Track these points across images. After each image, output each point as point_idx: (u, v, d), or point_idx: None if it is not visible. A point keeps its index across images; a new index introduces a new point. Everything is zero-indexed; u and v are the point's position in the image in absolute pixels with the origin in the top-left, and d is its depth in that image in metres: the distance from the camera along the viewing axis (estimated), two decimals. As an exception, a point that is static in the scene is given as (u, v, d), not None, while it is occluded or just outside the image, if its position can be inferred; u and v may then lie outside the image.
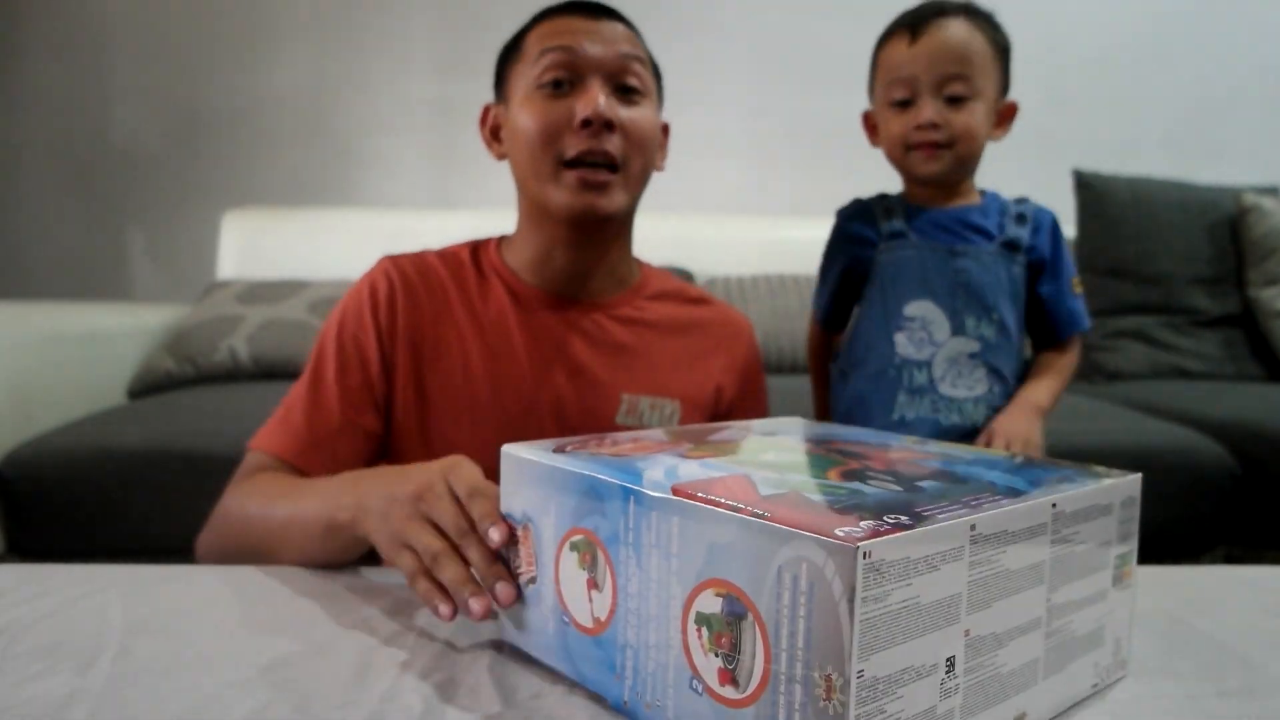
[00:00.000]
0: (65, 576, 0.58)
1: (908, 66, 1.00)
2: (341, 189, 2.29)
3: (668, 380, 0.85)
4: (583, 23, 0.79)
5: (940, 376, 1.01)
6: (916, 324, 1.01)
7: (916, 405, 1.01)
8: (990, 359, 1.01)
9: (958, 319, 1.01)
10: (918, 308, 1.01)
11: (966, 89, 0.98)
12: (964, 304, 1.01)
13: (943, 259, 1.02)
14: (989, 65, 0.99)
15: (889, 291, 1.02)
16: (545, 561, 0.45)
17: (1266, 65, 2.42)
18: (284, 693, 0.42)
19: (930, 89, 0.99)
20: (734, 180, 2.29)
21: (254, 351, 1.70)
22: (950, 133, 0.98)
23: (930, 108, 0.98)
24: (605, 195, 0.77)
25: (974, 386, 1.02)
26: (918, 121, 0.99)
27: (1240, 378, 2.00)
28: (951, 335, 1.01)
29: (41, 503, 1.24)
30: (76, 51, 2.23)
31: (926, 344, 1.01)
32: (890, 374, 1.01)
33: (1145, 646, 0.51)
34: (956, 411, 1.00)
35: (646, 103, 0.80)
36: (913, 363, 1.01)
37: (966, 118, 0.98)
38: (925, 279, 1.02)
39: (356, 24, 2.26)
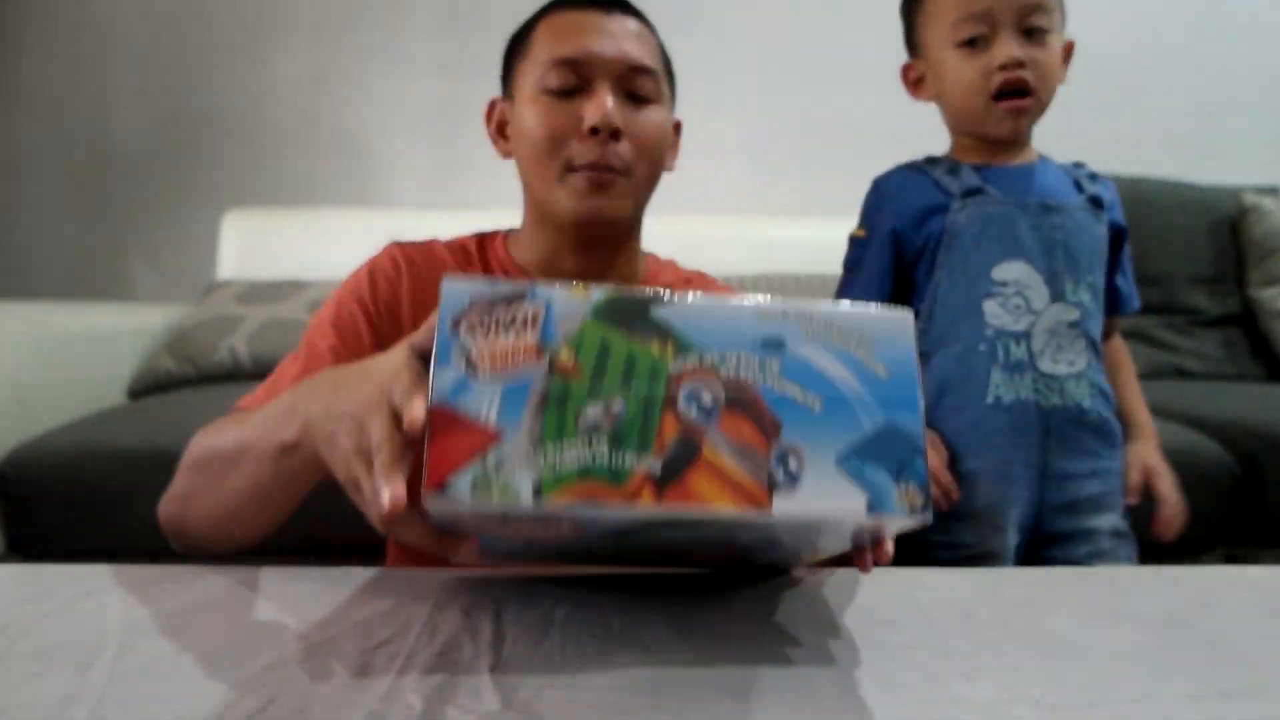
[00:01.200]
0: (65, 576, 0.57)
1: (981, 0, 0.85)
2: (341, 189, 2.29)
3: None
4: (592, 18, 0.76)
5: (1040, 350, 0.87)
6: (1010, 289, 0.87)
7: (1016, 385, 0.87)
8: (1089, 328, 0.90)
9: (1056, 283, 0.88)
10: (1010, 270, 0.88)
11: (1047, 22, 0.86)
12: (1063, 265, 0.88)
13: (1036, 215, 0.89)
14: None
15: (972, 255, 0.88)
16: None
17: (1266, 65, 2.42)
18: (284, 693, 0.42)
19: (1011, 22, 0.85)
20: (734, 180, 2.29)
21: (254, 351, 1.70)
22: (1036, 73, 0.86)
23: (1014, 43, 0.85)
24: (611, 198, 0.76)
25: (1075, 361, 0.88)
26: (1000, 60, 0.86)
27: (1240, 378, 2.00)
28: (1050, 302, 0.88)
29: (41, 503, 1.24)
30: (76, 52, 2.23)
31: (1024, 312, 0.87)
32: (981, 349, 0.87)
33: (1145, 646, 0.51)
34: (1058, 392, 0.88)
35: (656, 106, 0.78)
36: (1009, 334, 0.87)
37: (1049, 56, 0.87)
38: (1017, 238, 0.88)
39: (357, 24, 2.26)
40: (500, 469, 0.39)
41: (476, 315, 0.41)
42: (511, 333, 0.41)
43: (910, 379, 0.43)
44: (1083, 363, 0.89)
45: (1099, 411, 0.90)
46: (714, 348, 0.42)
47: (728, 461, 0.41)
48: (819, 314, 0.43)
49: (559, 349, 0.41)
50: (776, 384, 0.42)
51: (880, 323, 0.44)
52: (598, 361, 0.41)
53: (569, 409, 0.40)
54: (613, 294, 0.42)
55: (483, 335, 0.41)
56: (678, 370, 0.42)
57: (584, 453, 0.40)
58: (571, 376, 0.41)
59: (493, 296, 0.41)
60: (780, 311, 0.43)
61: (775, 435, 0.42)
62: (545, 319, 0.41)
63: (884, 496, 0.42)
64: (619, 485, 0.40)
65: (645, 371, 0.41)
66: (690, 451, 0.41)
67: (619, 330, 0.42)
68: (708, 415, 0.41)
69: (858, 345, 0.43)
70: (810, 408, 0.42)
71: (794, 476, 0.41)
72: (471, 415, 0.40)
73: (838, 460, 0.42)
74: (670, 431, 0.41)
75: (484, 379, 0.40)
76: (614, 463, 0.40)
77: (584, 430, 0.40)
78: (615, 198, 0.76)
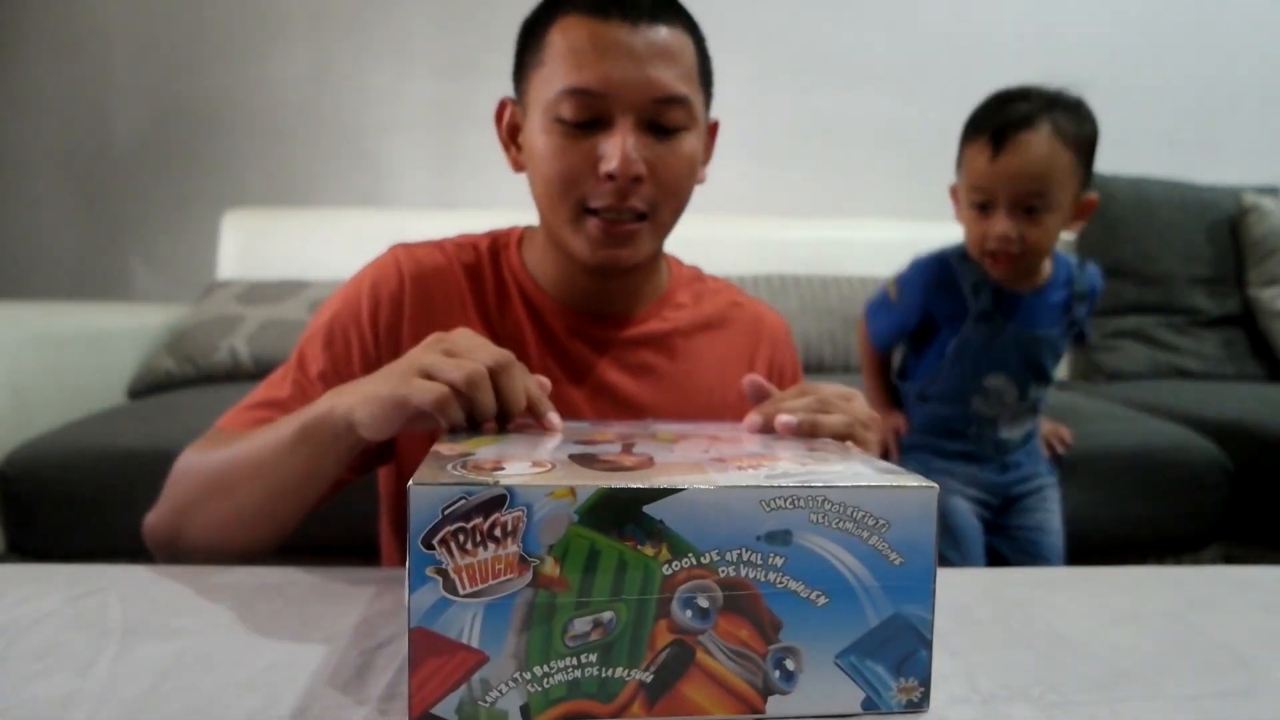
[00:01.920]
0: (65, 576, 0.57)
1: (987, 179, 1.07)
2: (341, 189, 2.29)
3: (696, 396, 0.79)
4: (615, 32, 0.65)
5: (1002, 426, 1.24)
6: (992, 393, 1.22)
7: (979, 441, 1.25)
8: (1040, 407, 1.28)
9: (1024, 388, 1.22)
10: (995, 380, 1.21)
11: (1043, 204, 1.05)
12: (1031, 377, 1.22)
13: (1024, 344, 1.19)
14: (1068, 175, 1.06)
15: (972, 365, 1.20)
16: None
17: (1266, 65, 2.42)
18: (284, 693, 0.42)
19: (1007, 204, 1.06)
20: (734, 180, 2.29)
21: (254, 351, 1.70)
22: (1022, 246, 1.07)
23: (1005, 223, 1.06)
24: (630, 247, 0.70)
25: (1024, 426, 1.26)
26: (994, 233, 1.08)
27: (1240, 378, 2.01)
28: (1018, 400, 1.22)
29: (41, 503, 1.24)
30: (76, 51, 2.23)
31: (997, 404, 1.23)
32: (961, 417, 1.24)
33: (1145, 646, 0.51)
34: (1008, 446, 1.25)
35: (686, 135, 0.69)
36: (983, 418, 1.24)
37: (1039, 232, 1.07)
38: (1005, 360, 1.20)
39: (357, 24, 2.26)
40: (487, 692, 0.38)
41: (450, 528, 0.37)
42: (491, 545, 0.37)
43: (926, 566, 0.40)
44: (1030, 426, 1.27)
45: (1031, 445, 1.30)
46: (712, 546, 0.39)
47: (722, 666, 0.39)
48: (834, 496, 0.39)
49: (543, 560, 0.38)
50: (779, 581, 0.39)
51: (902, 503, 0.40)
52: (585, 569, 0.38)
53: (556, 623, 0.38)
54: (600, 494, 0.38)
55: (459, 550, 0.37)
56: (672, 572, 0.38)
57: (572, 669, 0.38)
58: (558, 588, 0.38)
59: (466, 507, 0.37)
60: (789, 499, 0.39)
61: (774, 635, 0.39)
62: (527, 527, 0.37)
63: (882, 694, 0.40)
64: (609, 702, 0.39)
65: (637, 576, 0.38)
66: (683, 659, 0.39)
67: (608, 533, 0.38)
68: (704, 618, 0.39)
69: (872, 532, 0.40)
70: (814, 602, 0.39)
71: (791, 676, 0.40)
72: (453, 636, 0.37)
73: (838, 656, 0.40)
74: (663, 639, 0.39)
75: (464, 597, 0.37)
76: (604, 675, 0.39)
77: (572, 644, 0.38)
78: (634, 247, 0.70)
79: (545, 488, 0.38)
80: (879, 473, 0.43)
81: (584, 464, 0.43)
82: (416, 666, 0.38)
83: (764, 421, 0.59)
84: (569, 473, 0.41)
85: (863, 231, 2.18)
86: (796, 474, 0.42)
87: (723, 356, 0.82)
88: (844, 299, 1.97)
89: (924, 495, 0.40)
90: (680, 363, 0.80)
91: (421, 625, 0.37)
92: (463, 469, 0.40)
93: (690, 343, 0.81)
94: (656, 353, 0.79)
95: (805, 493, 0.39)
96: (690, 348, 0.81)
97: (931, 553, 0.40)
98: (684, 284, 0.84)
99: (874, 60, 2.33)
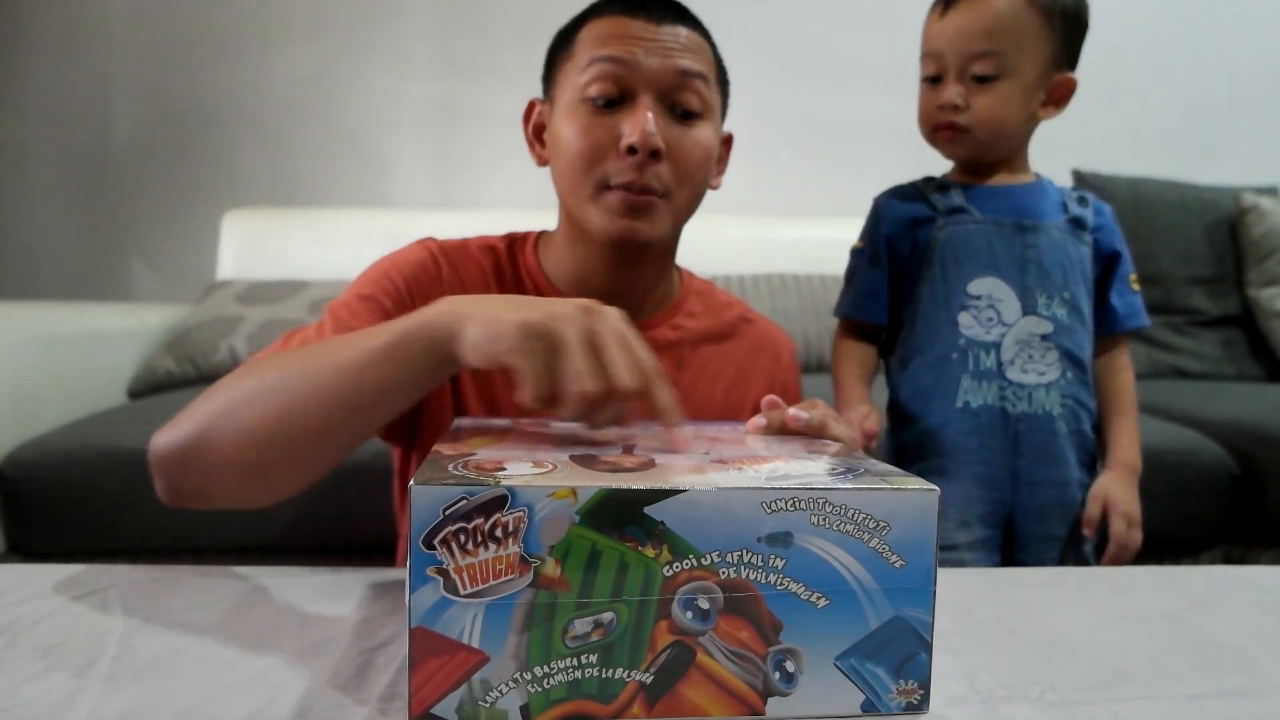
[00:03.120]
0: (65, 576, 0.57)
1: (935, 40, 0.94)
2: (341, 189, 2.29)
3: (699, 408, 0.80)
4: (641, 25, 0.71)
5: (1009, 360, 0.93)
6: (983, 302, 0.94)
7: (983, 392, 0.93)
8: (1064, 342, 0.94)
9: (1029, 297, 0.94)
10: (984, 285, 0.94)
11: (995, 67, 0.91)
12: (1035, 281, 0.94)
13: (1010, 234, 0.95)
14: (1032, 38, 0.91)
15: (951, 269, 0.95)
16: None
17: (1266, 65, 2.42)
18: (284, 693, 0.42)
19: (955, 67, 0.92)
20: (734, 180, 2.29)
21: (254, 351, 1.70)
22: (971, 116, 0.92)
23: (951, 89, 0.92)
24: (647, 220, 0.71)
25: (1045, 372, 0.94)
26: (939, 101, 0.93)
27: (1240, 378, 2.01)
28: (1022, 315, 0.94)
29: (41, 503, 1.24)
30: (76, 51, 2.23)
31: (995, 324, 0.94)
32: (954, 358, 0.94)
33: (1145, 646, 0.51)
34: (1025, 399, 0.93)
35: (704, 123, 0.73)
36: (979, 344, 0.93)
37: (990, 101, 0.92)
38: (992, 254, 0.95)
39: (356, 24, 2.26)
40: (487, 693, 0.38)
41: (451, 528, 0.37)
42: (492, 545, 0.37)
43: (927, 568, 0.40)
44: (1054, 374, 0.94)
45: (1070, 423, 0.94)
46: (713, 547, 0.39)
47: (723, 667, 0.39)
48: (835, 499, 0.39)
49: (544, 560, 0.38)
50: (779, 582, 0.39)
51: (903, 505, 0.40)
52: (586, 570, 0.38)
53: (556, 624, 0.38)
54: (602, 495, 0.38)
55: (459, 550, 0.37)
56: (673, 574, 0.38)
57: (573, 669, 0.38)
58: (558, 588, 0.38)
59: (468, 507, 0.37)
60: (790, 500, 0.39)
61: (775, 637, 0.39)
62: (528, 527, 0.37)
63: (881, 696, 0.41)
64: (609, 703, 0.39)
65: (638, 577, 0.38)
66: (684, 660, 0.39)
67: (609, 534, 0.38)
68: (704, 619, 0.39)
69: (873, 534, 0.40)
70: (814, 604, 0.40)
71: (791, 678, 0.40)
72: (454, 636, 0.37)
73: (838, 658, 0.40)
74: (663, 640, 0.39)
75: (465, 597, 0.37)
76: (604, 676, 0.39)
77: (572, 645, 0.38)
78: (652, 220, 0.72)
79: (546, 488, 0.38)
80: (880, 475, 0.43)
81: (585, 465, 0.43)
82: (416, 666, 0.38)
83: (768, 424, 0.59)
84: (570, 473, 0.41)
85: (862, 231, 2.18)
86: (797, 476, 0.42)
87: (729, 369, 0.83)
88: (844, 299, 1.97)
89: (925, 498, 0.40)
90: (687, 372, 0.81)
91: (422, 625, 0.37)
92: (464, 469, 0.40)
93: (698, 353, 0.82)
94: (665, 360, 0.80)
95: (806, 494, 0.39)
96: (698, 358, 0.82)
97: (932, 555, 0.40)
98: (695, 294, 0.86)
99: (874, 60, 2.33)
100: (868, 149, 2.34)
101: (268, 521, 1.25)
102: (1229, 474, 1.42)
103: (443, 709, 0.38)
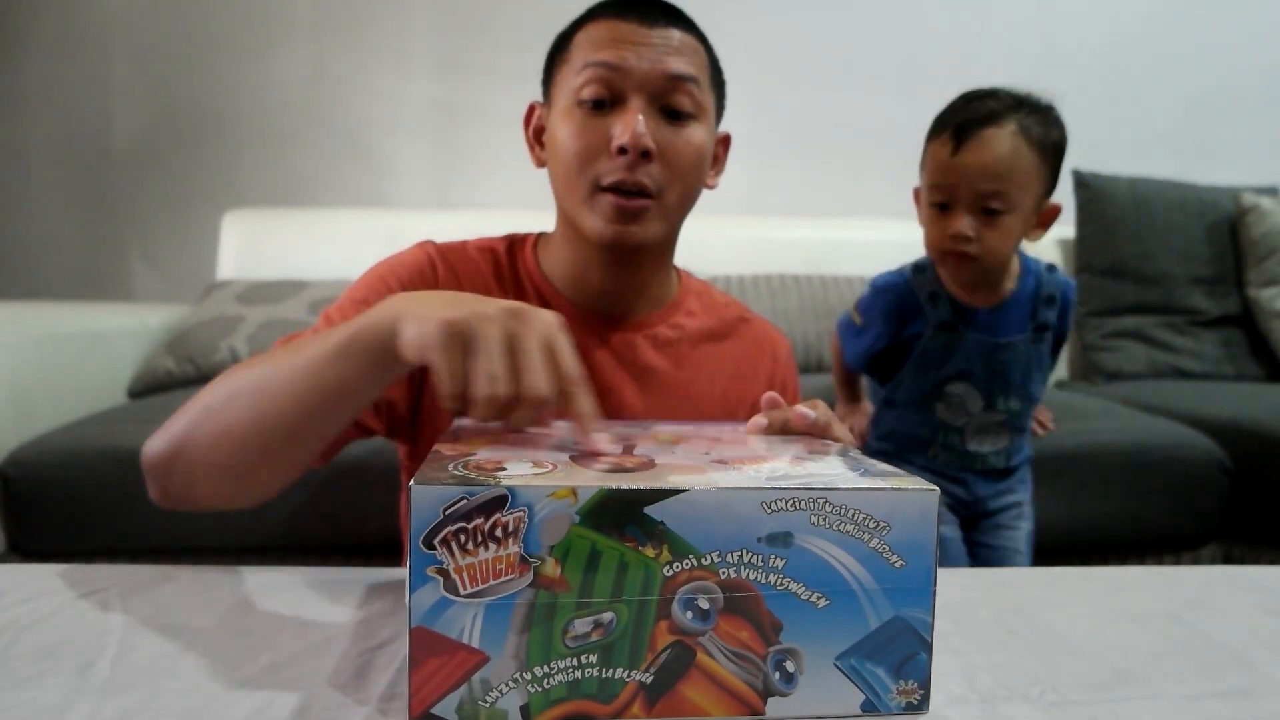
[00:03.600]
0: (65, 576, 0.57)
1: (947, 175, 1.02)
2: (341, 189, 2.29)
3: (697, 407, 0.81)
4: (634, 29, 0.72)
5: (969, 437, 1.18)
6: (955, 399, 1.16)
7: (947, 455, 1.19)
8: (1013, 422, 1.19)
9: (991, 397, 1.16)
10: (957, 387, 1.16)
11: (1003, 204, 1.01)
12: (999, 386, 1.16)
13: (987, 351, 1.14)
14: (1031, 177, 1.01)
15: (933, 370, 1.16)
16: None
17: (1266, 65, 2.42)
18: (284, 693, 0.42)
19: (967, 202, 1.02)
20: (734, 180, 2.29)
21: (254, 351, 1.70)
22: (981, 247, 1.03)
23: (963, 221, 1.02)
24: (639, 224, 0.72)
25: (996, 442, 1.19)
26: (951, 231, 1.03)
27: (1239, 378, 2.01)
28: (983, 410, 1.16)
29: (41, 503, 1.24)
30: (76, 51, 2.23)
31: (962, 413, 1.17)
32: (928, 428, 1.18)
33: (1145, 646, 0.51)
34: (980, 460, 1.19)
35: (696, 124, 0.74)
36: (949, 426, 1.18)
37: (998, 235, 1.02)
38: (968, 366, 1.15)
39: (357, 24, 2.26)
40: (487, 693, 0.38)
41: (451, 528, 0.37)
42: (492, 545, 0.37)
43: (927, 569, 0.40)
44: (1004, 443, 1.19)
45: (1013, 465, 1.22)
46: (713, 547, 0.39)
47: (723, 667, 0.39)
48: (835, 499, 0.39)
49: (544, 560, 0.38)
50: (779, 582, 0.39)
51: (903, 505, 0.40)
52: (586, 570, 0.38)
53: (556, 624, 0.38)
54: (602, 495, 0.38)
55: (459, 550, 0.37)
56: (673, 573, 0.38)
57: (573, 669, 0.38)
58: (558, 588, 0.38)
59: (468, 507, 0.37)
60: (790, 500, 0.39)
61: (775, 637, 0.39)
62: (528, 527, 0.37)
63: (881, 696, 0.41)
64: (609, 703, 0.39)
65: (638, 577, 0.38)
66: (684, 660, 0.39)
67: (609, 534, 0.38)
68: (704, 619, 0.39)
69: (873, 534, 0.40)
70: (814, 604, 0.40)
71: (791, 678, 0.40)
72: (454, 636, 0.37)
73: (838, 658, 0.40)
74: (663, 640, 0.39)
75: (465, 597, 0.37)
76: (604, 676, 0.39)
77: (572, 645, 0.38)
78: (643, 224, 0.73)
79: (546, 488, 0.38)
80: (880, 475, 0.43)
81: (585, 465, 0.43)
82: (417, 666, 0.38)
83: (769, 424, 0.59)
84: (570, 473, 0.41)
85: (863, 231, 2.18)
86: (798, 476, 0.42)
87: (727, 367, 0.84)
88: (844, 299, 1.96)
89: (925, 498, 0.40)
90: (685, 370, 0.82)
91: (422, 625, 0.37)
92: (464, 469, 0.40)
93: (696, 352, 0.83)
94: (663, 359, 0.81)
95: (806, 494, 0.39)
96: (696, 357, 0.83)
97: (932, 555, 0.40)
98: (693, 294, 0.86)
99: (873, 60, 2.33)
100: (868, 149, 2.34)
101: (268, 521, 1.25)
102: (1228, 473, 1.42)
103: (443, 709, 0.38)
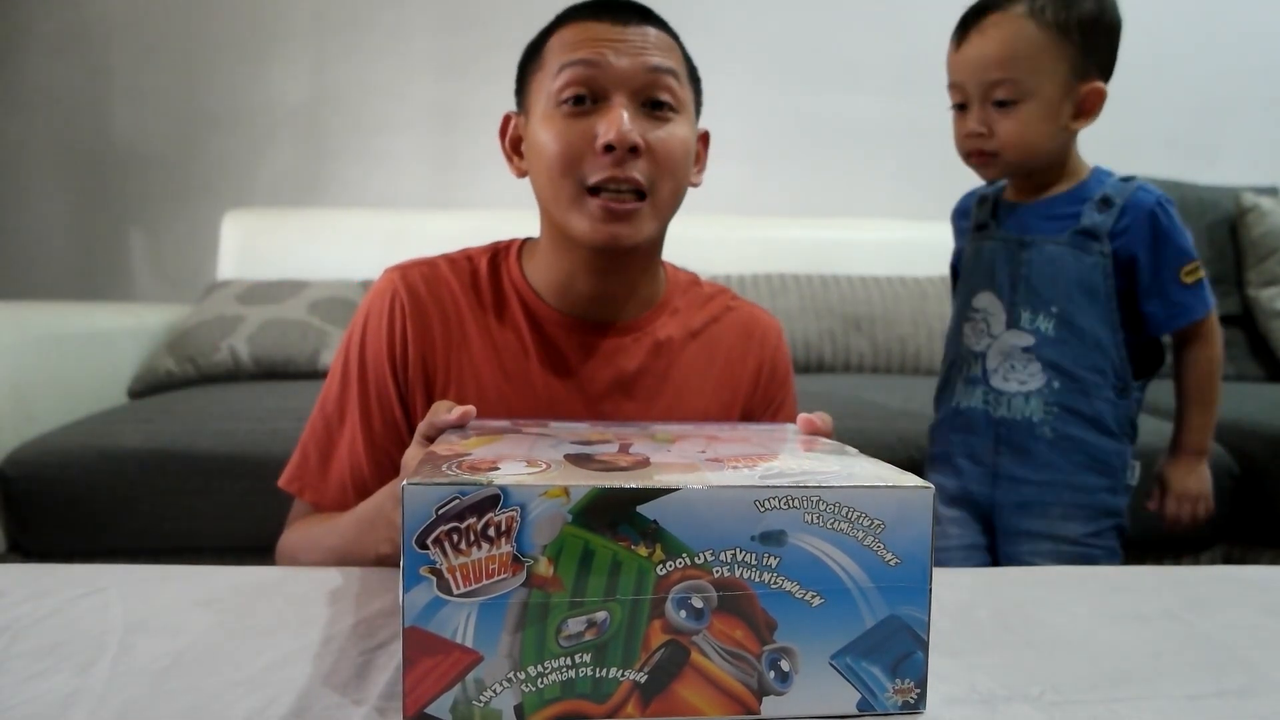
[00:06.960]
0: (65, 576, 0.57)
1: (955, 72, 0.99)
2: (341, 189, 2.29)
3: (690, 405, 0.80)
4: (608, 29, 0.71)
5: (992, 369, 1.01)
6: (980, 316, 1.02)
7: (970, 395, 1.02)
8: (1047, 354, 0.98)
9: (1014, 311, 1.00)
10: (983, 299, 1.02)
11: (1012, 92, 0.94)
12: (1022, 297, 0.99)
13: (1011, 251, 1.01)
14: (1047, 58, 0.94)
15: (965, 284, 1.05)
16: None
17: (1266, 66, 2.42)
18: (284, 693, 0.42)
19: (977, 96, 0.96)
20: (734, 180, 2.29)
21: (254, 351, 1.70)
22: (997, 142, 0.96)
23: (974, 117, 0.97)
24: (631, 225, 0.71)
25: (1026, 381, 0.99)
26: (965, 130, 0.98)
27: (1240, 378, 2.00)
28: (1006, 328, 1.00)
29: (42, 503, 1.24)
30: (76, 51, 2.23)
31: (984, 335, 1.02)
32: (958, 364, 1.05)
33: (1145, 646, 0.51)
34: (1005, 405, 1.00)
35: (679, 119, 0.73)
36: (971, 354, 1.02)
37: (1012, 125, 0.95)
38: (993, 271, 1.01)
39: (357, 25, 2.26)
40: (481, 692, 0.38)
41: (444, 528, 0.37)
42: (484, 545, 0.37)
43: (922, 566, 0.40)
44: (1036, 384, 0.99)
45: (1057, 428, 0.99)
46: (706, 546, 0.38)
47: (717, 666, 0.39)
48: (829, 496, 0.39)
49: (537, 560, 0.38)
50: (774, 581, 0.39)
51: (898, 503, 0.40)
52: (579, 569, 0.38)
53: (550, 623, 0.38)
54: (594, 494, 0.38)
55: (452, 550, 0.37)
56: (666, 573, 0.38)
57: (566, 669, 0.38)
58: (552, 587, 0.38)
59: (460, 507, 0.37)
60: (783, 499, 0.39)
61: (769, 636, 0.39)
62: (520, 527, 0.37)
63: (877, 694, 0.40)
64: (603, 702, 0.39)
65: (631, 577, 0.38)
66: (678, 659, 0.39)
67: (602, 533, 0.38)
68: (698, 618, 0.39)
69: (868, 532, 0.39)
70: (809, 603, 0.39)
71: (786, 676, 0.40)
72: (447, 635, 0.37)
73: (833, 657, 0.40)
74: (657, 639, 0.39)
75: (458, 597, 0.37)
76: (598, 675, 0.38)
77: (566, 644, 0.38)
78: (635, 225, 0.71)
79: (539, 487, 0.38)
80: (875, 473, 0.43)
81: (579, 464, 0.43)
82: (410, 666, 0.38)
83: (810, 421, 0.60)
84: (563, 473, 0.41)
85: (862, 231, 2.18)
86: (791, 474, 0.42)
87: (719, 359, 0.83)
88: (844, 299, 1.96)
89: (920, 496, 0.40)
90: (678, 368, 0.81)
91: (415, 625, 0.37)
92: (457, 469, 0.40)
93: (687, 349, 0.82)
94: (653, 361, 0.80)
95: (800, 493, 0.39)
96: (687, 354, 0.82)
97: (928, 554, 0.40)
98: (680, 290, 0.85)
99: (873, 60, 2.33)
100: (868, 149, 2.34)
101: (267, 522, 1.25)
102: (1229, 473, 1.42)
103: (437, 709, 0.38)
